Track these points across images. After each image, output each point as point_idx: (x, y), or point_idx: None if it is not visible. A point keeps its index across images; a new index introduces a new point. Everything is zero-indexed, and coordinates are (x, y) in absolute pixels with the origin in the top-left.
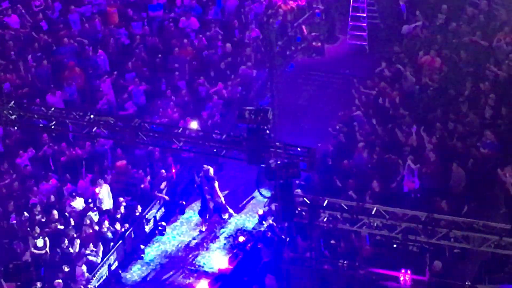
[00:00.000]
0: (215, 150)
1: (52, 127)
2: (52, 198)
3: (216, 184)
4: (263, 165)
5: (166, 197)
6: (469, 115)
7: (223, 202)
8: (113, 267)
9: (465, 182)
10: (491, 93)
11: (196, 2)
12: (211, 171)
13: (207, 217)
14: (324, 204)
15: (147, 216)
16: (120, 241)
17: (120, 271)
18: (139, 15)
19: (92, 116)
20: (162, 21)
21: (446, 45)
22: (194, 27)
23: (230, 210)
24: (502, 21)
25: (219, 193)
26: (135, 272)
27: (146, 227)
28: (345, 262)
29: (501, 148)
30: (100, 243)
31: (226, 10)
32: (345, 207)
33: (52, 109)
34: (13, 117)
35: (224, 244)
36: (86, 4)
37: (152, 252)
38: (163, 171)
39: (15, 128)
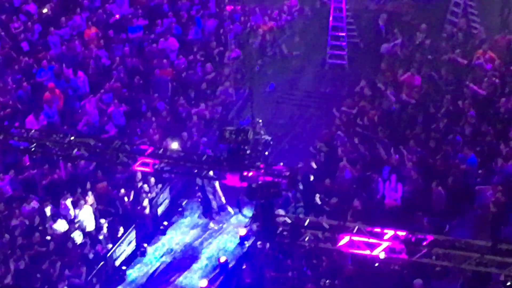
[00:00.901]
0: (196, 171)
1: (33, 149)
2: (36, 220)
3: (217, 184)
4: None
5: (150, 214)
6: (449, 133)
7: (224, 202)
8: None
9: (445, 199)
10: (471, 111)
11: (176, 22)
12: (211, 172)
13: (213, 216)
14: (306, 224)
15: (128, 237)
16: (102, 263)
17: None
18: (119, 37)
19: (72, 138)
20: (142, 42)
21: (426, 63)
22: (174, 48)
23: (230, 210)
24: (481, 38)
25: (220, 193)
26: None
27: (127, 248)
28: (327, 281)
29: (481, 165)
30: (82, 264)
31: (206, 31)
32: (327, 226)
33: (32, 131)
34: None
35: (206, 264)
36: (66, 26)
37: (134, 273)
38: (146, 186)
39: None
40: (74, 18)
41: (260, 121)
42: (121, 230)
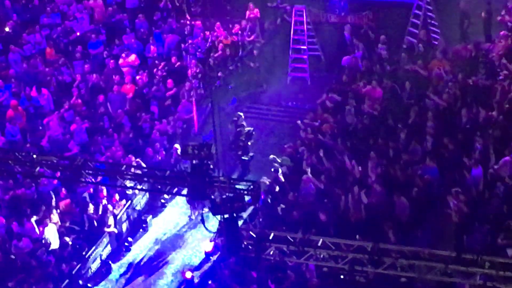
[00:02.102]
0: (159, 187)
1: None
2: None
3: None
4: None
5: (115, 230)
6: (411, 144)
7: None
8: None
9: (409, 210)
10: (432, 122)
11: (136, 38)
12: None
13: (195, 205)
14: (270, 237)
15: (93, 254)
16: (67, 281)
17: None
18: (80, 53)
19: (35, 156)
20: (103, 59)
21: (386, 75)
22: (135, 64)
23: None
24: (441, 49)
25: None
26: None
27: (92, 265)
28: None
29: (443, 175)
30: (48, 283)
31: (167, 46)
32: (291, 239)
33: None
34: None
35: (172, 280)
36: (26, 43)
37: None
38: (110, 207)
39: None
40: (34, 35)
41: (242, 114)
42: (86, 247)
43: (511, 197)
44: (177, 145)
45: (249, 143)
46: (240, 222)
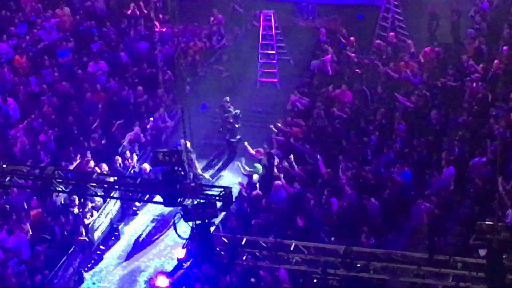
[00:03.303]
0: (130, 194)
1: None
2: None
3: (194, 157)
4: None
5: (87, 239)
6: (382, 147)
7: (200, 172)
8: None
9: (381, 212)
10: (400, 124)
11: (106, 45)
12: (189, 144)
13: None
14: (243, 243)
15: (65, 264)
16: None
17: None
18: (49, 62)
19: (5, 166)
20: (72, 67)
21: (356, 78)
22: (104, 71)
23: (207, 176)
24: (410, 51)
25: (197, 164)
26: None
27: (65, 274)
28: None
29: (414, 177)
30: None
31: (137, 53)
32: (264, 244)
33: None
34: None
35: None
36: None
37: None
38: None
39: None
40: (1, 45)
41: (228, 98)
42: (58, 256)
43: (482, 198)
44: (146, 165)
45: (236, 126)
46: (212, 228)
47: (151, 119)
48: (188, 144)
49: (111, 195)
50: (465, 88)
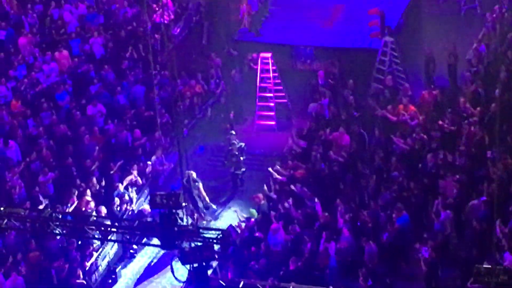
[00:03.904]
0: (128, 237)
1: None
2: None
3: (201, 186)
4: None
5: (84, 282)
6: (380, 189)
7: (208, 201)
8: None
9: (378, 256)
10: (397, 167)
11: (104, 88)
12: (194, 174)
13: (202, 214)
14: (240, 286)
15: None
16: None
17: None
18: (47, 104)
19: (2, 209)
20: (70, 109)
21: (353, 121)
22: (102, 114)
23: (214, 206)
24: (407, 94)
25: (204, 193)
26: None
27: None
28: None
29: (411, 220)
30: None
31: (135, 96)
32: (261, 287)
33: None
34: None
35: None
36: None
37: None
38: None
39: None
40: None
41: (233, 132)
42: None
43: (479, 241)
44: (146, 206)
45: (241, 158)
46: (209, 271)
47: (149, 162)
48: (194, 174)
49: (109, 237)
50: (462, 131)
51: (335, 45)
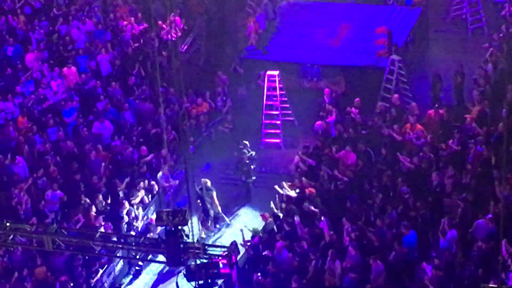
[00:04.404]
0: (133, 254)
1: None
2: None
3: (214, 194)
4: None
5: None
6: (385, 208)
7: (220, 211)
8: None
9: (384, 275)
10: (404, 186)
11: (111, 105)
12: (209, 183)
13: (209, 224)
14: None
15: None
16: None
17: None
18: (54, 121)
19: (8, 224)
20: (77, 126)
21: (360, 139)
22: (109, 131)
23: (226, 219)
24: (414, 114)
25: (217, 202)
26: None
27: None
28: None
29: (418, 239)
30: None
31: (141, 113)
32: None
33: None
34: None
35: None
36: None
37: None
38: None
39: None
40: (6, 104)
41: (247, 142)
42: None
43: (485, 260)
44: (153, 217)
45: (252, 167)
46: None
47: (153, 182)
48: (209, 182)
49: (115, 254)
50: (469, 151)
51: (342, 63)
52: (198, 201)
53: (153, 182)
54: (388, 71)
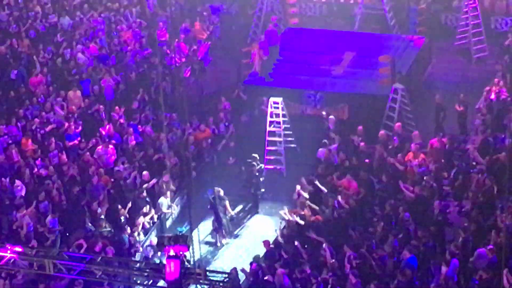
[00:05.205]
0: (134, 279)
1: None
2: None
3: (227, 203)
4: None
5: None
6: (387, 236)
7: (233, 213)
8: None
9: None
10: (405, 215)
11: (114, 130)
12: (221, 192)
13: (223, 232)
14: None
15: None
16: None
17: None
18: (56, 144)
19: (9, 247)
20: (79, 150)
21: (362, 167)
22: (112, 155)
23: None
24: (416, 142)
25: (230, 210)
26: None
27: None
28: None
29: (420, 268)
30: None
31: (144, 138)
32: None
33: None
34: None
35: None
36: (3, 135)
37: None
38: None
39: None
40: (9, 127)
41: (257, 155)
42: None
43: None
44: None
45: (261, 179)
46: None
47: (153, 211)
48: (221, 191)
49: (116, 279)
50: (471, 180)
51: (345, 90)
52: (211, 211)
53: (152, 210)
54: (391, 99)
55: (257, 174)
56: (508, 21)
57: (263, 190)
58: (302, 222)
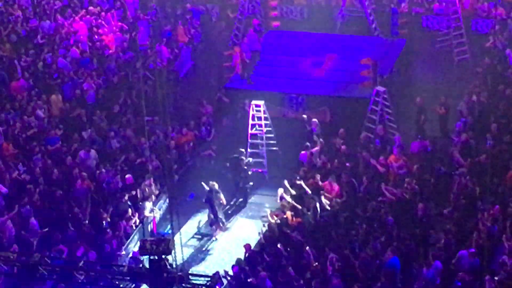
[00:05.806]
0: (117, 283)
1: None
2: None
3: (222, 196)
4: None
5: None
6: (369, 239)
7: (225, 202)
8: None
9: None
10: (388, 217)
11: (96, 134)
12: (216, 186)
13: (220, 224)
14: None
15: None
16: None
17: None
18: (38, 149)
19: None
20: (61, 154)
21: (344, 170)
22: (94, 160)
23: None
24: (398, 145)
25: (225, 202)
26: None
27: None
28: None
29: (402, 270)
30: None
31: (125, 142)
32: None
33: None
34: None
35: None
36: None
37: None
38: None
39: None
40: None
41: (243, 150)
42: None
43: None
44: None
45: (249, 173)
46: None
47: (136, 216)
48: (216, 185)
49: (98, 283)
50: (453, 182)
51: (327, 93)
52: (207, 204)
53: (134, 216)
54: (372, 102)
55: (245, 167)
56: (489, 23)
57: (251, 183)
58: (284, 227)
